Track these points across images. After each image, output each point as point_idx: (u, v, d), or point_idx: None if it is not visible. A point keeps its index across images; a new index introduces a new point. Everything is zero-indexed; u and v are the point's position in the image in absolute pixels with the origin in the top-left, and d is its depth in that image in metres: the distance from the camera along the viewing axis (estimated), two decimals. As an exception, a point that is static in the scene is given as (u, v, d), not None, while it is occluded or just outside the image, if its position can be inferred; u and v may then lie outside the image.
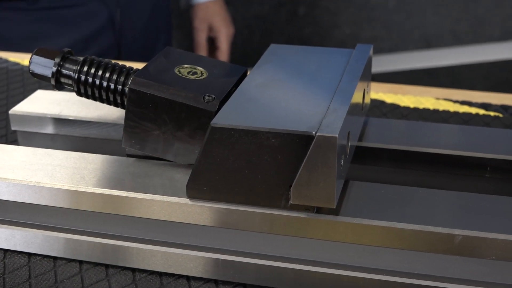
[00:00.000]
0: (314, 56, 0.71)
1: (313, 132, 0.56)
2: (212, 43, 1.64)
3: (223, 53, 1.61)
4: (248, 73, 0.69)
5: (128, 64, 0.77)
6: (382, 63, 2.16)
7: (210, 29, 1.62)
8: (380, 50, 2.20)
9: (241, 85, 0.65)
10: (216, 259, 0.63)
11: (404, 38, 2.19)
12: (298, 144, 0.56)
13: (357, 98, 0.65)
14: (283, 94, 0.63)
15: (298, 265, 0.61)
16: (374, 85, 1.00)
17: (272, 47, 0.73)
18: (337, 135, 0.55)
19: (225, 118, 0.59)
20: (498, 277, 0.59)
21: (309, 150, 0.56)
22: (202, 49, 1.62)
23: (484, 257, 0.58)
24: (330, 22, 2.21)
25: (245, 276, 0.63)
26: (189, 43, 1.66)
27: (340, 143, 0.56)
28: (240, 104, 0.61)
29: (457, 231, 0.57)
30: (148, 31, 1.48)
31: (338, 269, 0.61)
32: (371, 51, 0.72)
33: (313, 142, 0.55)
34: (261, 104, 0.62)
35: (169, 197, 0.62)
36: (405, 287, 0.60)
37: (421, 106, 0.94)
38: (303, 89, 0.64)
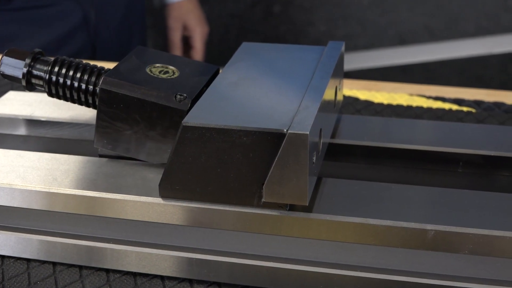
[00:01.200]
0: (286, 53, 0.71)
1: (285, 130, 0.56)
2: (186, 42, 1.63)
3: (198, 52, 1.61)
4: (220, 71, 0.69)
5: (103, 64, 0.76)
6: (357, 60, 2.17)
7: (185, 28, 1.61)
8: (355, 47, 2.20)
9: (212, 83, 0.65)
10: (190, 258, 0.63)
11: (378, 35, 2.20)
12: (269, 142, 0.56)
13: (329, 95, 0.65)
14: (255, 92, 0.63)
15: (272, 263, 0.61)
16: (347, 82, 1.00)
17: (244, 45, 0.73)
18: (308, 132, 0.55)
19: (196, 117, 0.59)
20: (471, 272, 0.60)
21: (281, 148, 0.56)
22: (177, 48, 1.61)
23: (457, 251, 0.58)
24: (305, 20, 2.22)
25: (219, 274, 0.63)
26: (164, 43, 1.65)
27: (311, 140, 0.56)
28: (211, 103, 0.61)
29: (429, 226, 0.58)
30: (122, 30, 1.47)
31: (313, 266, 0.61)
32: (343, 48, 0.72)
33: (285, 139, 0.55)
34: (232, 103, 0.61)
35: (142, 197, 0.62)
36: (379, 283, 0.60)
37: (394, 103, 0.95)
38: (274, 87, 0.64)
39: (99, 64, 0.71)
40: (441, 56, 2.15)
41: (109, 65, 0.71)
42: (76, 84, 0.67)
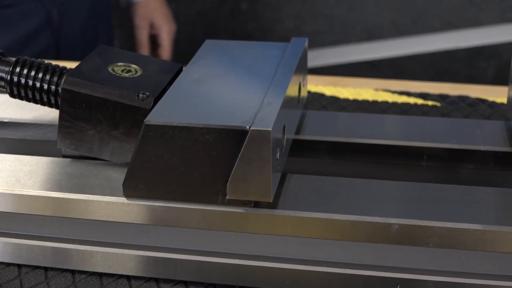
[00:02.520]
0: (249, 50, 0.71)
1: (247, 127, 0.56)
2: (154, 40, 1.63)
3: (165, 50, 1.60)
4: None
5: (68, 64, 0.76)
6: (325, 57, 2.17)
7: (152, 26, 1.61)
8: (322, 43, 2.21)
9: (175, 81, 0.65)
10: (156, 257, 0.62)
11: (346, 31, 2.21)
12: (232, 139, 0.56)
13: (292, 91, 0.65)
14: (218, 90, 0.63)
15: (238, 260, 0.61)
16: (313, 78, 1.00)
17: (207, 42, 0.73)
18: (270, 129, 0.55)
19: (159, 115, 0.59)
20: (436, 264, 0.60)
21: (244, 145, 0.56)
22: (144, 47, 1.61)
23: (421, 245, 0.58)
24: (273, 16, 2.22)
25: (185, 273, 0.63)
26: (131, 41, 1.64)
27: (274, 137, 0.56)
28: (174, 101, 0.61)
29: (393, 220, 0.58)
30: (87, 30, 1.46)
31: (279, 262, 0.61)
32: (306, 44, 0.72)
33: (247, 136, 0.55)
34: (195, 100, 0.61)
35: (106, 196, 0.61)
36: (345, 278, 0.60)
37: (360, 98, 0.95)
38: (237, 84, 0.64)
39: (64, 64, 0.70)
40: (408, 51, 2.16)
41: (74, 65, 0.71)
42: (38, 84, 0.67)
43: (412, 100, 0.94)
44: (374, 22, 2.19)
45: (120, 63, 0.67)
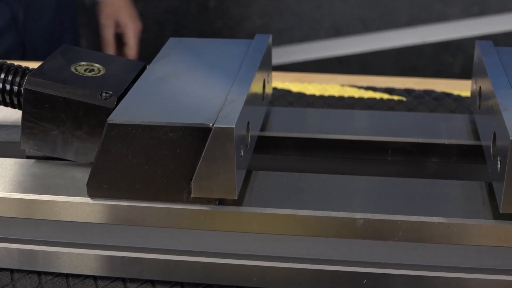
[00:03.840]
0: (213, 48, 0.71)
1: (210, 124, 0.56)
2: (120, 39, 1.62)
3: (131, 49, 1.59)
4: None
5: (34, 64, 0.75)
6: (293, 53, 2.17)
7: (117, 25, 1.60)
8: (290, 40, 2.21)
9: (138, 80, 0.64)
10: (122, 257, 0.62)
11: (314, 27, 2.21)
12: (196, 137, 0.56)
13: (256, 88, 0.65)
14: (181, 88, 0.63)
15: (204, 258, 0.61)
16: (280, 75, 1.00)
17: (171, 40, 0.73)
18: (234, 126, 0.55)
19: (121, 114, 0.58)
20: (402, 258, 0.60)
21: (207, 143, 0.56)
22: (110, 46, 1.59)
23: (387, 239, 0.59)
24: (241, 14, 2.22)
25: (152, 272, 0.62)
26: (98, 41, 1.63)
27: (238, 134, 0.56)
28: (137, 100, 0.61)
29: (358, 215, 0.58)
30: (53, 29, 1.45)
31: (245, 259, 0.61)
32: (270, 41, 0.72)
33: (211, 134, 0.55)
34: (158, 99, 0.61)
35: (70, 197, 0.61)
36: (312, 274, 0.60)
37: (326, 94, 0.95)
38: (201, 82, 0.64)
39: (30, 64, 0.69)
40: (375, 46, 2.17)
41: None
42: (0, 85, 0.66)
43: (378, 95, 0.95)
44: (341, 18, 2.19)
45: (83, 63, 0.67)
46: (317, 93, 0.95)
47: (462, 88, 0.96)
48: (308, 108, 0.78)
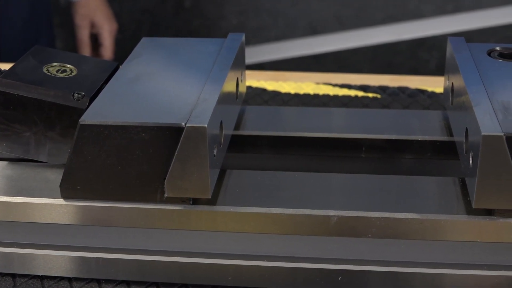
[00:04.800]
0: (186, 47, 0.71)
1: (183, 124, 0.56)
2: (95, 39, 1.61)
3: (107, 49, 1.59)
4: (120, 68, 0.68)
5: (8, 65, 0.74)
6: (270, 52, 2.18)
7: (93, 25, 1.59)
8: (267, 39, 2.21)
9: (111, 80, 0.64)
10: (97, 258, 0.62)
11: (290, 25, 2.21)
12: (168, 137, 0.56)
13: (229, 86, 0.65)
14: (154, 88, 0.63)
15: (179, 257, 0.61)
16: (255, 73, 1.00)
17: (144, 40, 0.73)
18: (206, 125, 0.55)
19: (94, 114, 0.58)
20: (376, 255, 0.60)
21: (180, 142, 0.55)
22: (85, 46, 1.59)
23: (360, 236, 0.59)
24: (217, 13, 2.22)
25: (127, 273, 0.62)
26: (73, 41, 1.63)
27: (211, 133, 0.56)
28: (109, 100, 0.61)
29: (332, 212, 0.58)
30: (28, 30, 1.44)
31: (220, 258, 0.61)
32: (243, 39, 0.72)
33: (183, 133, 0.55)
34: (131, 99, 0.61)
35: (43, 198, 0.61)
36: (287, 272, 0.60)
37: (301, 92, 0.95)
38: (174, 81, 0.64)
39: (4, 65, 0.69)
40: (351, 44, 2.17)
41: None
42: (-29, 87, 0.66)
43: (352, 92, 0.95)
44: (317, 16, 2.20)
45: (55, 63, 0.67)
46: (292, 91, 0.95)
47: (436, 84, 0.97)
48: (282, 107, 0.78)
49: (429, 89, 0.96)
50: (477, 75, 0.64)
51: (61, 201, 0.60)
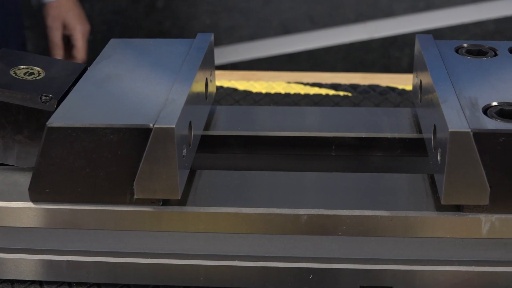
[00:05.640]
0: (154, 48, 0.70)
1: (151, 125, 0.55)
2: (68, 41, 1.60)
3: (80, 50, 1.58)
4: (88, 69, 0.68)
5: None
6: (243, 51, 2.18)
7: (65, 27, 1.58)
8: (240, 38, 2.21)
9: (78, 82, 0.64)
10: (67, 261, 0.62)
11: (262, 25, 2.21)
12: (137, 138, 0.56)
13: (198, 87, 0.65)
14: (122, 89, 0.63)
15: (150, 259, 0.61)
16: (226, 73, 1.00)
17: (112, 41, 0.72)
18: (174, 126, 0.55)
19: (61, 117, 0.58)
20: (346, 252, 0.61)
21: (148, 143, 0.55)
22: (58, 48, 1.58)
23: (331, 234, 0.59)
24: (189, 13, 2.21)
25: (98, 275, 0.62)
26: (45, 43, 1.62)
27: (179, 134, 0.56)
28: (77, 102, 0.60)
29: (302, 211, 0.58)
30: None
31: (192, 259, 0.61)
32: (211, 39, 0.72)
33: (151, 134, 0.55)
34: (99, 100, 0.61)
35: (12, 202, 0.60)
36: (259, 271, 0.61)
37: (273, 91, 0.95)
38: (142, 82, 0.64)
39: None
40: (324, 43, 2.18)
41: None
42: None
43: (323, 91, 0.95)
44: (289, 15, 2.20)
45: (22, 66, 0.66)
46: (263, 90, 0.95)
47: (406, 82, 0.97)
48: (253, 106, 0.78)
49: (400, 86, 0.96)
50: (445, 72, 0.64)
51: (30, 204, 0.60)
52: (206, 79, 0.69)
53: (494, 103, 0.59)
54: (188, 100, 0.60)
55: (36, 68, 0.66)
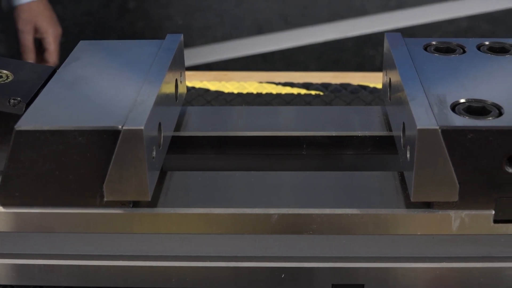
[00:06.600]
0: (123, 50, 0.70)
1: (119, 126, 0.55)
2: (40, 44, 1.59)
3: (52, 53, 1.57)
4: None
5: None
6: (217, 52, 2.18)
7: (36, 30, 1.57)
8: (213, 39, 2.21)
9: (47, 85, 0.63)
10: (39, 264, 0.61)
11: (236, 25, 2.22)
12: (105, 140, 0.56)
13: (167, 88, 0.65)
14: (91, 91, 0.62)
15: (122, 261, 0.61)
16: (197, 74, 1.00)
17: (81, 44, 0.72)
18: (143, 127, 0.55)
19: (29, 120, 0.57)
20: (318, 251, 0.61)
21: (117, 145, 0.55)
22: (30, 52, 1.57)
23: (301, 232, 0.59)
24: (162, 14, 2.21)
25: (70, 278, 0.62)
26: (16, 46, 1.61)
27: (148, 135, 0.56)
28: (45, 105, 0.60)
29: (272, 211, 0.58)
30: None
31: (163, 260, 0.61)
32: (181, 40, 0.72)
33: (120, 136, 0.55)
34: (67, 103, 0.60)
35: (-19, 207, 0.60)
36: (231, 271, 0.61)
37: (244, 91, 0.95)
38: (111, 84, 0.63)
39: None
40: (298, 42, 2.18)
41: None
42: None
43: (295, 90, 0.95)
44: (263, 15, 2.21)
45: (-10, 69, 0.66)
46: (235, 91, 0.96)
47: (378, 80, 0.98)
48: (224, 106, 0.78)
49: (371, 85, 0.97)
50: (413, 70, 0.64)
51: (-1, 208, 0.59)
52: (176, 80, 0.69)
53: (462, 100, 0.59)
54: (157, 101, 0.60)
55: (4, 71, 0.66)
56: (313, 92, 0.95)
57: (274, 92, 0.95)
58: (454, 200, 0.57)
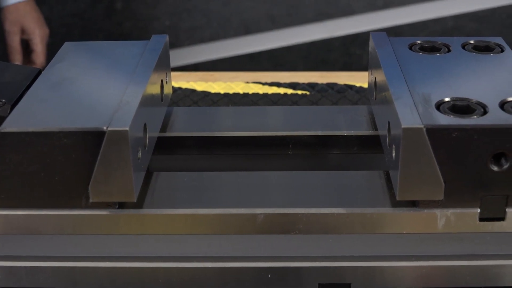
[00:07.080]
0: (108, 51, 0.70)
1: (104, 127, 0.55)
2: (27, 45, 1.59)
3: (39, 55, 1.56)
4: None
5: None
6: (204, 52, 2.18)
7: (23, 31, 1.57)
8: (201, 39, 2.21)
9: (32, 86, 0.63)
10: (25, 266, 0.61)
11: (223, 25, 2.22)
12: (90, 141, 0.56)
13: (153, 88, 0.65)
14: (76, 92, 0.62)
15: (108, 262, 0.61)
16: (184, 74, 1.00)
17: (66, 45, 0.72)
18: (128, 128, 0.54)
19: (14, 122, 0.57)
20: (304, 251, 0.61)
21: (102, 146, 0.55)
22: (16, 53, 1.56)
23: (287, 232, 0.59)
24: (149, 14, 2.21)
25: (57, 281, 0.61)
26: (3, 48, 1.60)
27: (133, 136, 0.56)
28: (30, 107, 0.60)
29: (258, 210, 0.58)
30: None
31: (150, 261, 0.61)
32: (166, 41, 0.72)
33: (105, 137, 0.55)
34: (52, 105, 0.60)
35: (-33, 209, 0.60)
36: (217, 272, 0.61)
37: (231, 92, 0.96)
38: (96, 85, 0.63)
39: None
40: (286, 42, 2.19)
41: None
42: None
43: (282, 90, 0.96)
44: (250, 15, 2.21)
45: (-25, 71, 0.66)
46: (222, 91, 0.96)
47: (364, 79, 0.98)
48: (210, 107, 0.78)
49: (357, 84, 0.97)
50: (398, 69, 0.65)
51: (-16, 210, 0.59)
52: (162, 81, 0.69)
53: (447, 99, 0.59)
54: (142, 102, 0.59)
55: (-11, 73, 0.66)
56: (299, 92, 0.95)
57: (260, 92, 0.95)
58: (440, 198, 0.58)
